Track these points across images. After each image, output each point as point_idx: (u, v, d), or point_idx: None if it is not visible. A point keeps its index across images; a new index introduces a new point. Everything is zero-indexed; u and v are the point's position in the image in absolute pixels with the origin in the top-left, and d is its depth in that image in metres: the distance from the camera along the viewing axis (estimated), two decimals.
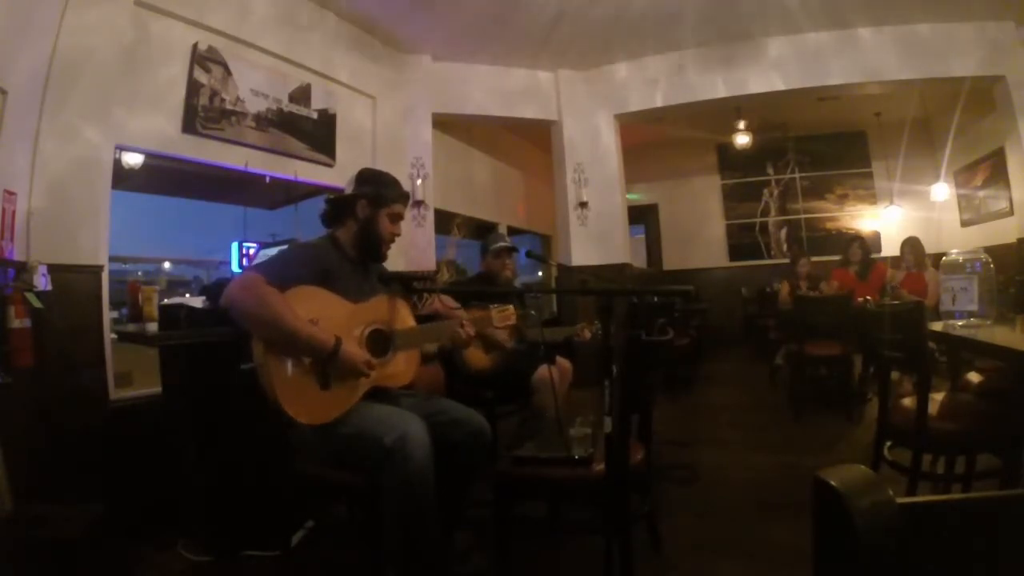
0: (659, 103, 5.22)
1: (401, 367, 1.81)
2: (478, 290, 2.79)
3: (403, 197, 1.92)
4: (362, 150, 4.29)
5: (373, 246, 1.86)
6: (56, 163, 2.35)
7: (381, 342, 1.75)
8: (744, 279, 7.27)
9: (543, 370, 2.53)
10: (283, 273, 1.62)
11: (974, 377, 2.31)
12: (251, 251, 3.48)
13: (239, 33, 3.32)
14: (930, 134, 6.82)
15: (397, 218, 1.88)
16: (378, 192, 1.84)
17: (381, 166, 4.21)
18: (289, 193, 4.19)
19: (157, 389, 2.40)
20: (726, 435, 3.57)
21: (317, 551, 2.14)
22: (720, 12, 4.38)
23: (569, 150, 5.34)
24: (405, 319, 1.87)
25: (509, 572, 1.74)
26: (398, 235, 1.90)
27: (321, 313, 1.62)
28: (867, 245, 4.82)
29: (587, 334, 2.72)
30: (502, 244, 2.87)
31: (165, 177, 3.88)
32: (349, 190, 1.87)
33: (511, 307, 2.04)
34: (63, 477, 2.13)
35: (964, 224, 6.48)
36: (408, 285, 1.95)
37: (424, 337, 1.88)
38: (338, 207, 1.87)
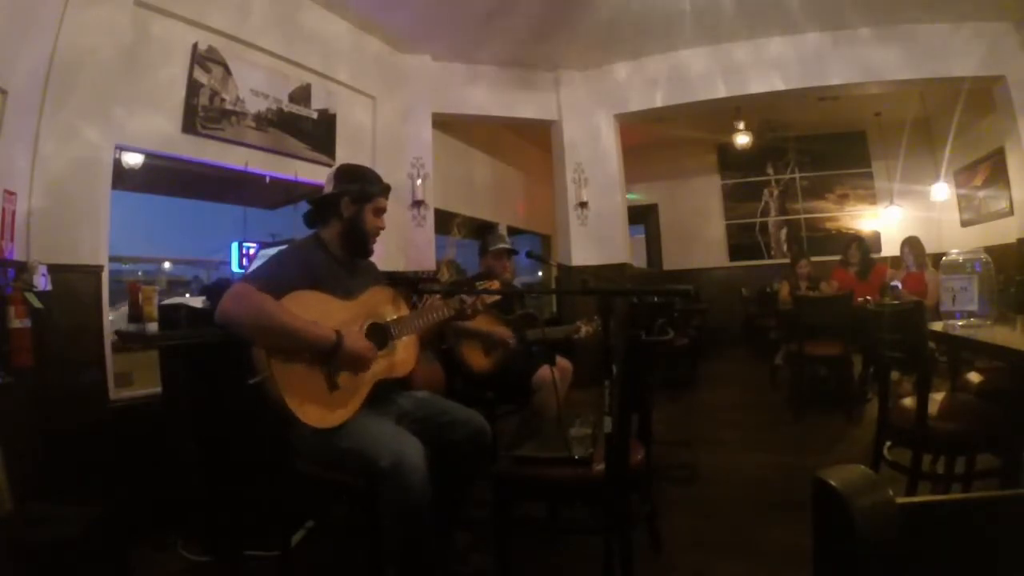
0: (659, 103, 5.23)
1: (402, 355, 1.82)
2: (481, 290, 2.77)
3: (385, 190, 1.91)
4: (362, 150, 4.29)
5: (360, 242, 1.85)
6: (56, 163, 2.35)
7: (380, 334, 1.76)
8: (744, 279, 7.27)
9: (544, 370, 2.53)
10: (273, 279, 1.61)
11: (974, 377, 2.31)
12: (251, 251, 3.48)
13: (239, 33, 3.32)
14: (930, 134, 6.83)
15: (381, 212, 1.87)
16: (361, 188, 1.83)
17: (381, 166, 4.24)
18: (289, 193, 4.18)
19: (157, 389, 2.40)
20: (726, 435, 3.57)
21: (317, 551, 2.14)
22: (720, 12, 4.38)
23: (569, 150, 5.34)
24: (399, 308, 1.87)
25: (509, 572, 1.74)
26: (382, 228, 1.89)
27: (318, 315, 1.62)
28: (867, 245, 4.83)
29: (586, 331, 2.72)
30: (502, 246, 2.86)
31: (165, 177, 3.88)
32: (329, 188, 1.85)
33: (495, 280, 2.04)
34: (63, 477, 2.12)
35: (964, 224, 6.48)
36: (413, 286, 1.96)
37: (419, 321, 1.88)
38: (321, 207, 1.85)
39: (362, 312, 1.76)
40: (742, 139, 6.46)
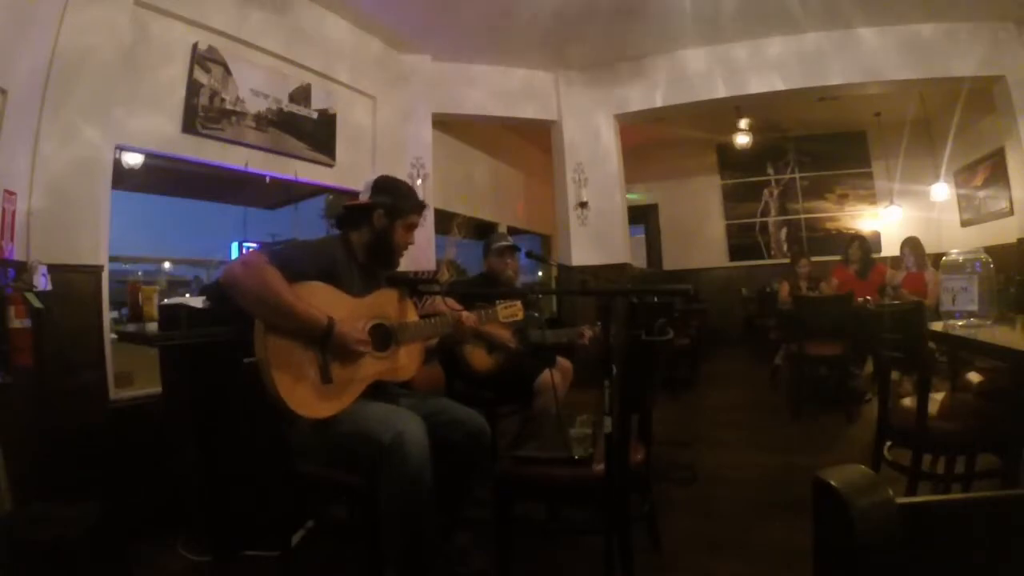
0: (659, 103, 5.23)
1: (403, 361, 1.82)
2: (483, 291, 2.78)
3: (419, 207, 1.94)
4: (362, 150, 4.29)
5: (386, 255, 1.88)
6: (56, 163, 2.35)
7: (383, 336, 1.77)
8: (744, 279, 7.27)
9: (546, 374, 2.52)
10: (288, 260, 1.63)
11: (974, 377, 2.31)
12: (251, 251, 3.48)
13: (239, 33, 3.32)
14: (930, 134, 6.82)
15: (412, 228, 1.92)
16: (395, 203, 1.86)
17: (381, 166, 4.25)
18: (289, 193, 4.20)
19: (157, 389, 2.40)
20: (726, 435, 3.57)
21: (317, 551, 2.14)
22: (720, 12, 4.37)
23: (569, 150, 5.34)
24: (407, 314, 1.89)
25: (509, 572, 1.74)
26: (411, 244, 1.93)
27: (324, 306, 1.63)
28: (867, 244, 4.83)
29: (588, 335, 2.71)
30: (504, 243, 2.86)
31: (165, 177, 3.88)
32: (365, 197, 1.88)
33: (518, 303, 2.04)
34: (63, 477, 2.12)
35: (964, 224, 6.48)
36: (413, 287, 1.96)
37: (425, 330, 1.89)
38: (354, 214, 1.89)
39: (368, 312, 1.77)
40: (742, 139, 6.47)
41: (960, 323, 2.04)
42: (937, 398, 1.98)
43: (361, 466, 1.58)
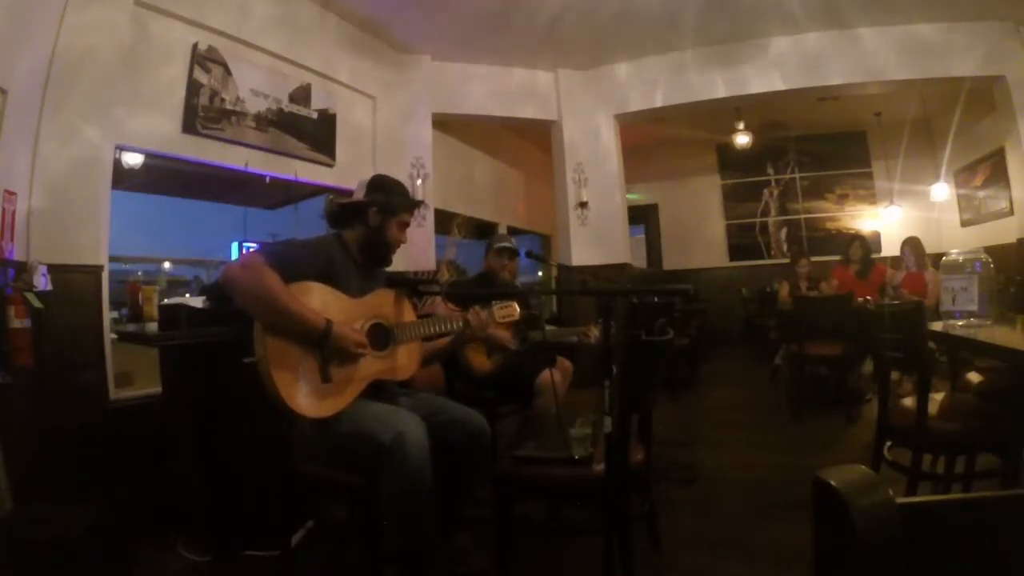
0: (659, 103, 5.23)
1: (402, 360, 1.82)
2: (483, 292, 2.77)
3: (412, 205, 1.97)
4: (362, 150, 4.29)
5: (381, 252, 1.90)
6: (56, 163, 2.35)
7: (381, 336, 1.77)
8: (744, 279, 7.26)
9: (546, 374, 2.52)
10: (285, 260, 1.63)
11: (974, 377, 2.31)
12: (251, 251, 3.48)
13: (239, 33, 3.32)
14: (930, 134, 6.82)
15: (404, 226, 1.93)
16: (389, 201, 1.87)
17: (381, 166, 4.25)
18: (289, 193, 4.19)
19: (157, 389, 2.40)
20: (726, 435, 3.56)
21: (317, 551, 2.14)
22: (720, 12, 4.37)
23: (569, 150, 5.34)
24: (405, 314, 1.89)
25: (509, 572, 1.74)
26: (404, 242, 1.94)
27: (322, 307, 1.63)
28: (867, 244, 4.83)
29: (593, 334, 2.70)
30: (503, 244, 2.84)
31: (165, 177, 3.88)
32: (360, 195, 1.89)
33: (514, 304, 2.04)
34: (63, 477, 2.13)
35: (964, 224, 6.48)
36: (413, 287, 1.97)
37: (424, 330, 1.89)
38: (348, 212, 1.90)
39: (366, 312, 1.77)
40: (742, 139, 6.46)
41: (960, 323, 2.04)
42: (937, 398, 1.98)
43: (361, 466, 1.58)
